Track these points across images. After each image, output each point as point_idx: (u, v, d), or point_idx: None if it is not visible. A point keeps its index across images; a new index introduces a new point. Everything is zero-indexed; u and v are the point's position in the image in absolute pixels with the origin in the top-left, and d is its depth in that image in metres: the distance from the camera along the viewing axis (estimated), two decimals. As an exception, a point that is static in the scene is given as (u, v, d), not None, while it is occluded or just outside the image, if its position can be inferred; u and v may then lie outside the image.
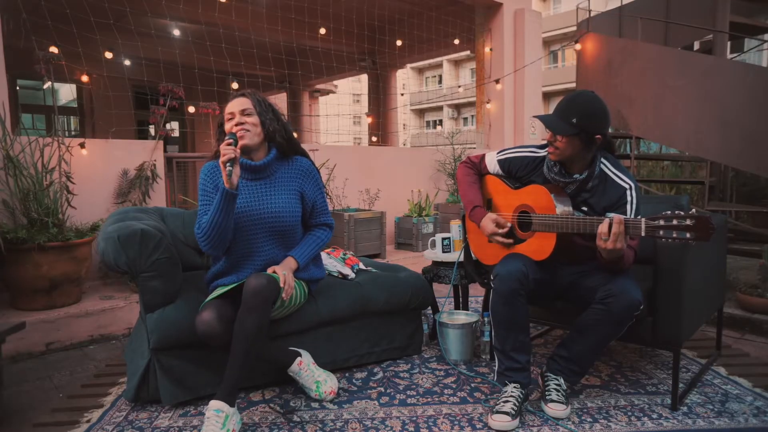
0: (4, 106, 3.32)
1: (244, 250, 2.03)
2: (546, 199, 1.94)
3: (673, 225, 1.57)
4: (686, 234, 1.55)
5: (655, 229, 1.61)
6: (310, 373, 2.06)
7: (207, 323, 1.81)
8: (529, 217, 1.99)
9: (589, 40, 4.82)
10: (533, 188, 2.02)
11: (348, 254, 2.66)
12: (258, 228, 2.02)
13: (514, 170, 2.14)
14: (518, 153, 2.13)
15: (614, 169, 1.95)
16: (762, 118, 3.41)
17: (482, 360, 2.47)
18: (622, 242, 1.70)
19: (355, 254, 2.82)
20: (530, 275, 1.90)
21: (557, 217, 1.87)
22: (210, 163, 2.05)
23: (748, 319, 2.86)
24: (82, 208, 3.60)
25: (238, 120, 1.97)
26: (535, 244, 1.98)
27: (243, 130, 1.96)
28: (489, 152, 2.25)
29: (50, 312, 3.12)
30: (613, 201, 1.90)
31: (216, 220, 1.88)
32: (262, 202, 2.03)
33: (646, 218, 1.64)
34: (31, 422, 1.94)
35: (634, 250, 1.89)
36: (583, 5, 5.42)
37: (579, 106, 1.86)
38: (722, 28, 4.32)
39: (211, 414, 1.73)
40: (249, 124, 1.98)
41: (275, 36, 6.24)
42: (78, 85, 8.65)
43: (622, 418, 1.88)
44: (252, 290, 1.79)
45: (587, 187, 1.96)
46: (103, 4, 4.67)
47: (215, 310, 1.84)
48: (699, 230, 1.54)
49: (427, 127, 30.22)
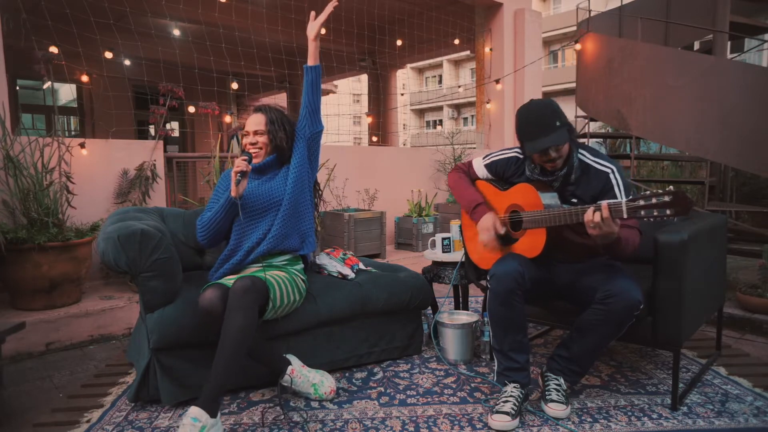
0: (4, 106, 3.32)
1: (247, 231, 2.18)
2: (533, 195, 1.97)
3: (653, 203, 1.61)
4: (666, 210, 1.59)
5: (636, 209, 1.64)
6: (304, 378, 2.06)
7: (209, 299, 1.83)
8: (519, 216, 2.01)
9: (589, 40, 4.82)
10: (520, 187, 2.05)
11: (348, 254, 2.66)
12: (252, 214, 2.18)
13: (501, 172, 2.18)
14: (503, 155, 2.17)
15: (593, 157, 1.98)
16: (762, 118, 3.41)
17: (482, 360, 2.47)
18: (610, 226, 1.71)
19: (355, 254, 2.82)
20: (526, 274, 1.90)
21: (544, 211, 1.90)
22: (229, 171, 2.27)
23: (748, 319, 2.86)
24: (82, 208, 3.60)
25: (251, 140, 2.21)
26: (527, 242, 2.00)
27: (256, 148, 2.20)
28: (476, 158, 2.28)
29: (50, 312, 3.12)
30: (600, 188, 1.93)
31: (215, 219, 2.15)
32: (254, 192, 2.19)
33: (627, 200, 1.67)
34: (31, 422, 1.94)
35: (637, 229, 1.89)
36: (583, 5, 5.41)
37: (548, 111, 1.89)
38: (722, 28, 4.31)
39: (187, 422, 1.61)
40: (261, 144, 2.21)
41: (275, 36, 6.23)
42: (78, 85, 8.64)
43: (622, 418, 1.88)
44: (239, 289, 1.82)
45: (571, 180, 1.98)
46: (103, 4, 4.67)
47: (218, 290, 1.87)
48: (677, 205, 1.58)
49: (427, 127, 30.22)
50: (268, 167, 2.25)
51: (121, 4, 5.38)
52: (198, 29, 6.69)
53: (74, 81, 6.79)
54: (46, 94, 9.49)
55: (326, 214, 4.70)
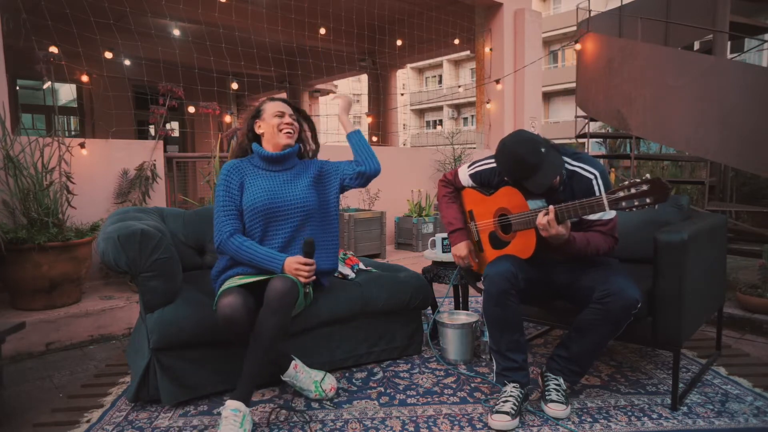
0: (4, 106, 3.32)
1: (261, 238, 2.07)
2: (518, 198, 1.98)
3: (632, 193, 1.64)
4: (646, 199, 1.62)
5: (617, 201, 1.67)
6: (307, 374, 2.06)
7: (232, 306, 1.80)
8: (507, 219, 2.03)
9: (589, 40, 4.82)
10: (505, 190, 2.06)
11: (348, 254, 2.66)
12: (276, 216, 2.07)
13: (486, 181, 2.21)
14: (486, 165, 2.18)
15: (577, 162, 1.98)
16: (762, 118, 3.41)
17: (482, 360, 2.47)
18: (556, 229, 1.77)
19: (355, 254, 2.82)
20: (520, 275, 1.91)
21: (530, 212, 1.91)
22: (232, 162, 2.16)
23: (748, 319, 2.86)
24: (82, 208, 3.60)
25: (288, 121, 2.15)
26: (519, 243, 2.02)
27: (291, 128, 2.15)
28: (462, 167, 2.31)
29: (50, 312, 3.12)
30: (582, 194, 1.92)
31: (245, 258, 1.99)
32: (279, 192, 2.09)
33: (607, 193, 1.70)
34: (31, 422, 1.94)
35: (610, 236, 1.93)
36: (583, 5, 5.41)
37: (529, 143, 1.87)
38: (722, 28, 4.31)
39: (229, 414, 1.74)
40: (295, 127, 2.18)
41: (275, 36, 6.24)
42: (78, 85, 8.64)
43: (622, 418, 1.88)
44: (278, 293, 1.81)
45: (557, 187, 1.99)
46: (103, 4, 4.67)
47: (240, 296, 1.84)
48: (655, 192, 1.61)
49: (427, 127, 30.22)
50: (292, 159, 2.20)
51: (121, 4, 5.38)
52: (198, 29, 6.70)
53: (74, 81, 6.78)
54: (46, 94, 9.49)
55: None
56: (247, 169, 2.14)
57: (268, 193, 2.07)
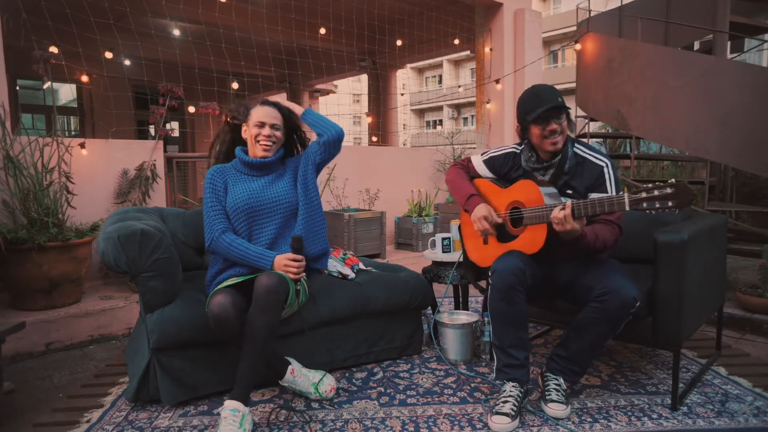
0: (4, 106, 3.32)
1: (248, 238, 2.07)
2: (535, 191, 1.97)
3: (655, 195, 1.63)
4: (668, 203, 1.61)
5: (639, 201, 1.66)
6: (304, 377, 2.06)
7: (221, 305, 1.82)
8: (520, 212, 2.02)
9: (589, 40, 4.82)
10: (522, 183, 2.05)
11: (348, 254, 2.66)
12: (259, 215, 2.08)
13: (498, 167, 2.22)
14: (499, 152, 2.24)
15: (589, 151, 2.05)
16: (762, 118, 3.40)
17: (482, 360, 2.47)
18: (572, 224, 1.77)
19: (355, 254, 2.82)
20: (527, 271, 1.91)
21: (545, 207, 1.90)
22: (216, 166, 2.17)
23: (748, 319, 2.86)
24: (82, 208, 3.60)
25: (268, 133, 2.10)
26: (528, 238, 2.00)
27: (270, 142, 2.10)
28: (474, 156, 2.32)
29: (50, 312, 3.12)
30: (593, 180, 1.98)
31: (236, 255, 1.99)
32: (260, 193, 2.10)
33: (629, 193, 1.69)
34: (31, 422, 1.94)
35: (615, 224, 1.94)
36: (583, 5, 5.41)
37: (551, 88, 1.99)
38: (722, 28, 4.31)
39: (228, 414, 1.74)
40: (276, 138, 2.13)
41: (275, 36, 6.24)
42: (78, 85, 8.64)
43: (622, 418, 1.88)
44: (264, 289, 1.81)
45: (565, 169, 2.02)
46: (103, 4, 4.67)
47: (229, 295, 1.85)
48: (679, 197, 1.60)
49: (427, 127, 30.22)
50: (274, 165, 2.17)
51: (121, 4, 5.38)
52: (198, 29, 6.70)
53: (74, 81, 6.79)
54: (46, 94, 9.49)
55: (326, 215, 4.70)
56: (229, 173, 2.14)
57: (249, 193, 2.08)
